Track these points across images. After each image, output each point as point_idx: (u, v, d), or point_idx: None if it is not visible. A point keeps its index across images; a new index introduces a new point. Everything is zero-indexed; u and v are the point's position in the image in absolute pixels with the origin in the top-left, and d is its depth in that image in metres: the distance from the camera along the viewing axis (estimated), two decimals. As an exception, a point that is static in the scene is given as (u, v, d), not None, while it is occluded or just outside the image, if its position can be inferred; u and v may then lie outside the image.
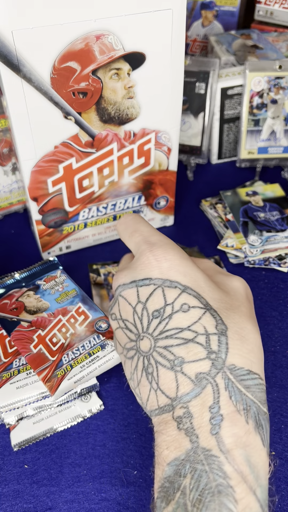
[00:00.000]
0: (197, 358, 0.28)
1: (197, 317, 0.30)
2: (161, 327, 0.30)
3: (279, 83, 0.62)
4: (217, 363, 0.28)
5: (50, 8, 0.36)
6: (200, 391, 0.28)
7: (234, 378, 0.28)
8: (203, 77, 0.63)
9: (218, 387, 0.27)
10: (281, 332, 0.47)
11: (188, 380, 0.28)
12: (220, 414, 0.27)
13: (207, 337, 0.29)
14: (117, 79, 0.43)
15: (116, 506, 0.35)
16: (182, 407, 0.28)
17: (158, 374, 0.29)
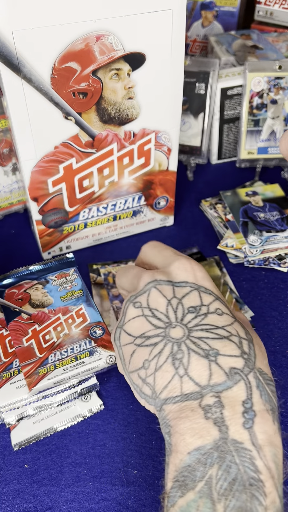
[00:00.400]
0: (233, 353, 0.30)
1: (230, 322, 0.32)
2: (197, 321, 0.32)
3: (279, 83, 0.62)
4: (250, 363, 0.30)
5: (50, 9, 0.37)
6: (233, 384, 0.29)
7: (263, 380, 0.30)
8: (203, 77, 0.63)
9: (251, 384, 0.29)
10: (281, 332, 0.47)
11: (222, 372, 0.29)
12: (253, 410, 0.28)
13: (240, 340, 0.31)
14: (117, 80, 0.43)
15: (116, 506, 0.35)
16: (213, 396, 0.28)
17: (189, 361, 0.30)
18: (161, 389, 0.30)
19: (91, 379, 0.40)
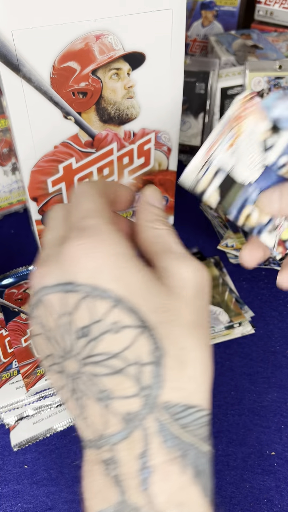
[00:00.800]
0: (127, 394, 0.24)
1: (130, 341, 0.24)
2: (87, 350, 0.24)
3: (279, 83, 0.62)
4: (149, 402, 0.23)
5: (50, 8, 0.36)
6: (128, 434, 0.23)
7: (168, 418, 0.23)
8: (203, 77, 0.63)
9: (149, 431, 0.23)
10: (281, 332, 0.47)
11: (117, 419, 0.23)
12: (150, 466, 0.22)
13: (140, 368, 0.24)
14: (117, 79, 0.43)
15: (116, 506, 0.35)
16: (109, 449, 0.24)
17: (86, 403, 0.24)
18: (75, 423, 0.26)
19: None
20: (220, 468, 0.37)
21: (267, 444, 0.39)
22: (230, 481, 0.37)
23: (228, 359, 0.44)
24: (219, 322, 0.47)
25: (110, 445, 0.23)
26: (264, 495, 0.36)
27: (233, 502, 0.36)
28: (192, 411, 0.24)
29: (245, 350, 0.45)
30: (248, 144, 0.34)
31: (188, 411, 0.24)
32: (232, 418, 0.40)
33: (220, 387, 0.42)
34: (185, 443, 0.23)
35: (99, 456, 0.24)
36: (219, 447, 0.39)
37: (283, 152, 0.34)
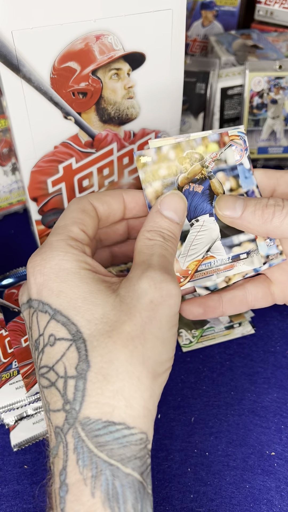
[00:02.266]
0: (55, 408, 0.24)
1: (61, 353, 0.24)
2: (38, 363, 0.26)
3: (279, 83, 0.62)
4: (71, 417, 0.23)
5: (50, 8, 0.36)
6: (57, 449, 0.23)
7: (86, 435, 0.22)
8: (203, 77, 0.63)
9: (69, 447, 0.22)
10: (281, 332, 0.47)
11: (52, 433, 0.24)
12: (66, 484, 0.22)
13: (65, 382, 0.24)
14: (117, 79, 0.43)
15: (115, 507, 0.35)
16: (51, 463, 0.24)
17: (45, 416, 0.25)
18: None
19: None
20: (220, 469, 0.37)
21: (267, 445, 0.39)
22: (230, 482, 0.37)
23: (228, 359, 0.44)
24: (219, 322, 0.47)
25: (52, 458, 0.24)
26: (264, 495, 0.36)
27: (233, 503, 0.36)
28: (114, 429, 0.23)
29: (245, 351, 0.45)
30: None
31: (109, 429, 0.22)
32: (232, 419, 0.40)
33: (220, 387, 0.42)
34: (101, 463, 0.22)
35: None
36: (219, 447, 0.39)
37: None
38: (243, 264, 0.34)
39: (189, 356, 0.45)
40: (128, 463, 0.22)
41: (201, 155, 0.33)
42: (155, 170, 0.33)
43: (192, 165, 0.33)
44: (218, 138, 0.33)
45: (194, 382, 0.43)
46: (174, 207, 0.30)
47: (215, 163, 0.33)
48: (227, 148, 0.34)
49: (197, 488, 0.36)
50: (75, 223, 0.28)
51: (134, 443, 0.23)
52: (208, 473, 0.37)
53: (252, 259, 0.34)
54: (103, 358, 0.24)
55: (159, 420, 0.40)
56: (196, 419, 0.40)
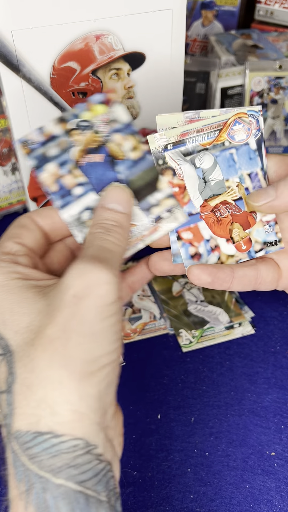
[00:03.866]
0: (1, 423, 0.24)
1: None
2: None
3: (279, 83, 0.62)
4: (7, 431, 0.23)
5: (50, 8, 0.36)
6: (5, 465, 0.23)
7: (19, 448, 0.22)
8: (203, 77, 0.63)
9: (8, 462, 0.22)
10: (281, 332, 0.47)
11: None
12: (9, 500, 0.22)
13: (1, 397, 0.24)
14: (117, 79, 0.43)
15: (115, 507, 0.35)
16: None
17: None
18: None
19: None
20: (220, 469, 0.37)
21: (267, 445, 0.39)
22: (230, 482, 0.37)
23: (228, 359, 0.44)
24: (219, 322, 0.47)
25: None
26: (264, 495, 0.36)
27: (233, 503, 0.36)
28: (42, 439, 0.22)
29: (245, 351, 0.45)
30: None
31: (38, 440, 0.22)
32: (232, 419, 0.40)
33: (220, 387, 0.42)
34: (32, 476, 0.21)
35: None
36: (219, 447, 0.39)
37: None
38: (167, 223, 0.32)
39: (189, 356, 0.45)
40: (59, 473, 0.21)
41: (90, 121, 0.30)
42: (45, 152, 0.29)
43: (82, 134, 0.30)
44: (103, 98, 0.30)
45: (194, 382, 0.43)
46: (116, 198, 0.29)
47: (108, 125, 0.30)
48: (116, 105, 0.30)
49: (197, 488, 0.36)
50: (9, 238, 0.29)
51: (65, 451, 0.22)
52: (208, 473, 0.37)
53: (175, 215, 0.32)
54: (26, 368, 0.23)
55: (159, 420, 0.40)
56: (196, 419, 0.40)
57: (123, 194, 0.29)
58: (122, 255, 0.28)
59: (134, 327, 0.46)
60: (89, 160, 0.30)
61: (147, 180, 0.31)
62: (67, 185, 0.30)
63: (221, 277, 0.33)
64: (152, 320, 0.47)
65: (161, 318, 0.47)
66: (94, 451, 0.23)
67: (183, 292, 0.50)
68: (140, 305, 0.49)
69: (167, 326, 0.47)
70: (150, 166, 0.31)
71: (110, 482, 0.23)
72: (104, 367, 0.24)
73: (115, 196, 0.29)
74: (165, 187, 0.31)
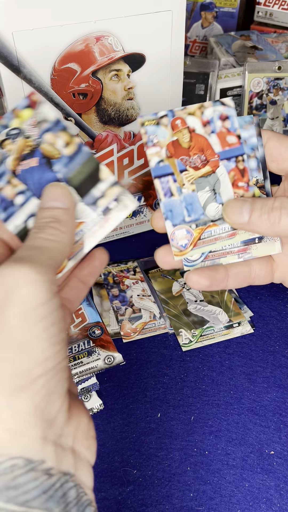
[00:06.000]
0: None
1: None
2: None
3: (278, 84, 0.62)
4: None
5: (50, 10, 0.37)
6: None
7: None
8: (202, 78, 0.63)
9: None
10: (280, 332, 0.47)
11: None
12: None
13: None
14: (117, 80, 0.43)
15: (115, 505, 0.35)
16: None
17: None
18: None
19: (91, 379, 0.40)
20: (219, 467, 0.38)
21: (266, 444, 0.39)
22: (229, 480, 0.37)
23: (228, 358, 0.45)
24: (219, 321, 0.47)
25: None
26: (264, 494, 0.36)
27: (232, 501, 0.36)
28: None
29: (244, 350, 0.45)
30: None
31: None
32: (231, 418, 0.40)
33: (220, 386, 0.43)
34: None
35: None
36: (218, 446, 0.39)
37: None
38: (117, 212, 0.30)
39: (188, 356, 0.45)
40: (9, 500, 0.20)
41: (18, 128, 0.29)
42: None
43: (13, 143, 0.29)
44: (27, 102, 0.30)
45: (194, 381, 0.43)
46: (52, 196, 0.28)
47: (37, 127, 0.30)
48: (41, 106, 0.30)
49: (196, 487, 0.37)
50: None
51: (2, 472, 0.20)
52: (208, 472, 0.37)
53: (124, 202, 0.30)
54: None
55: (159, 419, 0.40)
56: (196, 418, 0.40)
57: (58, 189, 0.28)
58: (61, 249, 0.26)
59: (134, 327, 0.47)
60: (25, 167, 0.30)
61: (87, 172, 0.30)
62: (8, 196, 0.29)
63: (218, 278, 0.33)
64: (152, 320, 0.47)
65: (161, 318, 0.48)
66: (39, 467, 0.21)
67: (183, 291, 0.50)
68: (140, 305, 0.49)
69: (167, 325, 0.47)
70: (88, 157, 0.30)
71: (68, 494, 0.22)
72: (37, 378, 0.22)
73: (51, 194, 0.28)
74: (107, 175, 0.30)
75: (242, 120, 0.34)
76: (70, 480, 0.22)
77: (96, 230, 0.30)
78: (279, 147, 0.34)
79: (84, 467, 0.24)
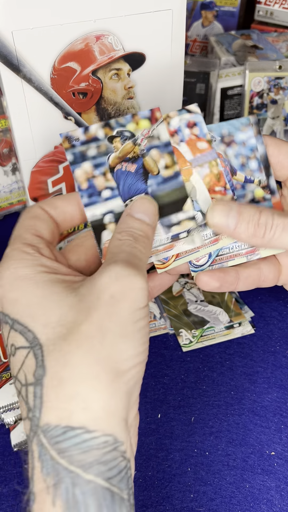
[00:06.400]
0: (23, 416, 0.24)
1: (21, 362, 0.24)
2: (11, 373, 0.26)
3: (279, 83, 0.62)
4: (34, 424, 0.23)
5: (50, 9, 0.37)
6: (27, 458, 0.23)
7: (47, 442, 0.22)
8: (203, 77, 0.63)
9: (34, 455, 0.22)
10: (281, 332, 0.47)
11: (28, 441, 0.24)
12: (33, 493, 0.22)
13: (26, 389, 0.24)
14: (117, 80, 0.43)
15: (116, 506, 0.35)
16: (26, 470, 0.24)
17: None
18: None
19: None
20: (220, 468, 0.37)
21: (267, 444, 0.39)
22: (230, 481, 0.37)
23: (228, 359, 0.44)
24: (219, 322, 0.47)
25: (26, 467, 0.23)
26: (264, 495, 0.36)
27: (233, 502, 0.36)
28: (73, 434, 0.22)
29: (245, 350, 0.45)
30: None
31: (68, 434, 0.22)
32: (232, 418, 0.40)
33: (220, 387, 0.42)
34: (61, 470, 0.21)
35: None
36: (219, 447, 0.39)
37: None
38: (183, 244, 0.33)
39: (189, 356, 0.45)
40: (89, 469, 0.22)
41: (132, 132, 0.32)
42: (84, 151, 0.31)
43: (123, 143, 0.32)
44: (149, 114, 0.32)
45: (194, 382, 0.43)
46: (144, 209, 0.30)
47: (148, 140, 0.32)
48: (159, 124, 0.32)
49: (197, 488, 0.36)
50: (27, 230, 0.29)
51: (96, 447, 0.22)
52: (208, 473, 0.37)
53: (193, 237, 0.33)
54: (58, 362, 0.23)
55: (159, 419, 0.40)
56: (196, 419, 0.40)
57: (150, 206, 0.30)
58: (146, 264, 0.29)
59: (134, 327, 0.47)
60: (122, 168, 0.32)
61: (174, 198, 0.32)
62: (97, 185, 0.31)
63: (229, 280, 0.34)
64: (152, 320, 0.47)
65: (161, 318, 0.48)
66: (120, 448, 0.23)
67: (183, 292, 0.50)
68: (140, 305, 0.49)
69: (167, 325, 0.47)
70: (179, 186, 0.32)
71: (129, 480, 0.23)
72: (134, 367, 0.24)
73: (143, 206, 0.30)
74: (189, 209, 0.32)
75: (238, 123, 0.34)
76: (130, 468, 0.24)
77: (160, 251, 0.32)
78: (277, 155, 0.34)
79: (133, 460, 0.25)
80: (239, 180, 0.34)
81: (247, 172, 0.34)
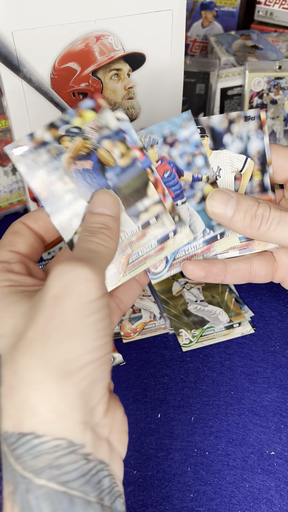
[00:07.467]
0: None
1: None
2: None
3: (278, 83, 0.62)
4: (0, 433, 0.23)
5: (50, 9, 0.37)
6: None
7: (7, 449, 0.22)
8: (203, 77, 0.63)
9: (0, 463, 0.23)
10: (280, 332, 0.47)
11: None
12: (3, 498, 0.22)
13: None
14: (117, 80, 0.43)
15: (116, 506, 0.35)
16: None
17: None
18: None
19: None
20: (220, 468, 0.38)
21: (266, 444, 0.39)
22: (230, 481, 0.37)
23: (228, 359, 0.44)
24: (219, 322, 0.47)
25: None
26: (264, 494, 0.36)
27: (233, 502, 0.36)
28: (24, 440, 0.22)
29: (244, 350, 0.45)
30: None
31: (21, 441, 0.22)
32: (232, 418, 0.40)
33: (220, 387, 0.42)
34: (17, 476, 0.22)
35: None
36: (219, 447, 0.39)
37: None
38: (155, 228, 0.32)
39: (189, 356, 0.45)
40: (41, 474, 0.22)
41: (79, 127, 0.30)
42: (35, 158, 0.29)
43: (71, 141, 0.30)
44: (92, 104, 0.30)
45: (194, 382, 0.43)
46: (102, 202, 0.29)
47: (97, 132, 0.30)
48: (104, 111, 0.30)
49: (197, 488, 0.36)
50: (4, 247, 0.30)
51: (46, 451, 0.22)
52: (208, 473, 0.37)
53: (163, 221, 0.32)
54: (10, 371, 0.23)
55: (159, 419, 0.40)
56: (196, 419, 0.40)
57: (109, 197, 0.30)
58: (109, 255, 0.28)
59: (134, 327, 0.47)
60: (79, 167, 0.30)
61: (136, 186, 0.31)
62: (57, 192, 0.30)
63: (214, 271, 0.34)
64: (152, 320, 0.47)
65: (161, 318, 0.48)
66: (79, 451, 0.23)
67: (183, 291, 0.50)
68: (140, 305, 0.49)
69: (167, 325, 0.47)
70: (139, 172, 0.31)
71: (103, 482, 0.23)
72: (85, 366, 0.24)
73: (102, 200, 0.30)
74: (153, 193, 0.32)
75: (179, 119, 0.32)
76: (105, 469, 0.24)
77: (133, 241, 0.32)
78: (276, 159, 0.35)
79: (116, 460, 0.25)
80: (187, 181, 0.33)
81: (194, 171, 0.33)
